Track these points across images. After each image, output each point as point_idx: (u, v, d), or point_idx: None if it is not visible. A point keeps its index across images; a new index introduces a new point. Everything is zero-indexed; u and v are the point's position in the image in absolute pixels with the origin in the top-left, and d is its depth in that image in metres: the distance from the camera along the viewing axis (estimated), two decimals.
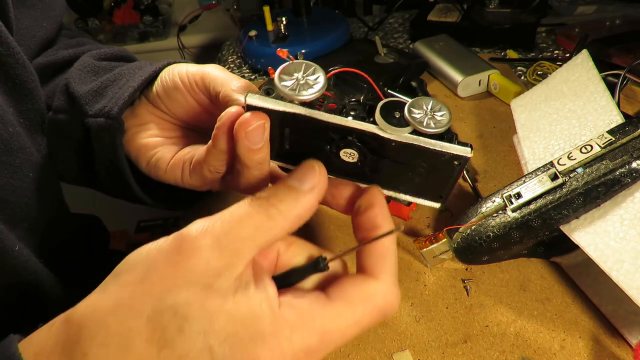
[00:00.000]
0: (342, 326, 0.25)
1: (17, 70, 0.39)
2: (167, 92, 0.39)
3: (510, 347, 0.37)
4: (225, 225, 0.24)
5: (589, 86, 0.46)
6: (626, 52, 0.65)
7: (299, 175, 0.27)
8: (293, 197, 0.26)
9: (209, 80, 0.37)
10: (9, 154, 0.37)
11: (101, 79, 0.43)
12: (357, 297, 0.26)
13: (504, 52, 0.77)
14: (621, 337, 0.37)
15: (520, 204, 0.39)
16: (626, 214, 0.35)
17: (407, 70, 0.66)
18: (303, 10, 0.85)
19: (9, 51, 0.38)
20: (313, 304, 0.25)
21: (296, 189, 0.26)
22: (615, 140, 0.37)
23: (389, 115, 0.28)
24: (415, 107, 0.28)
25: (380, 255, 0.28)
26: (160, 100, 0.39)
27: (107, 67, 0.45)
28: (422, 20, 0.84)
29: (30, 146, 0.40)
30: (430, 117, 0.28)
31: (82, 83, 0.44)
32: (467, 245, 0.41)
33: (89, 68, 0.45)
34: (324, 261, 0.27)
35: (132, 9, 1.37)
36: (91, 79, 0.44)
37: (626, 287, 0.32)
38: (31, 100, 0.41)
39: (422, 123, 0.28)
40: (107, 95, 0.41)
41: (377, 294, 0.26)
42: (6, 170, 0.37)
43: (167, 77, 0.39)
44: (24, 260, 0.38)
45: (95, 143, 0.41)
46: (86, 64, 0.45)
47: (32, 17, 0.48)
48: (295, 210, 0.26)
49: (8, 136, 0.37)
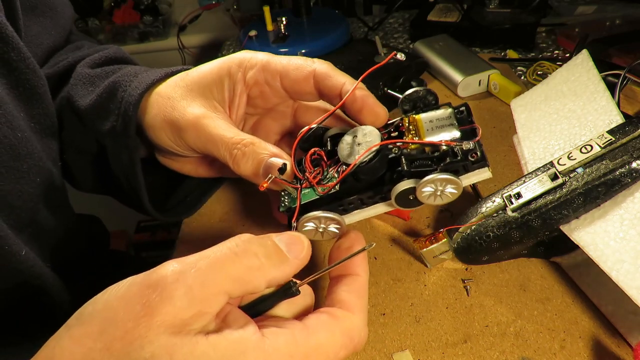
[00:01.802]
0: (324, 357, 0.25)
1: (27, 75, 0.39)
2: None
3: (510, 347, 0.37)
4: (200, 275, 0.23)
5: (589, 86, 0.46)
6: (626, 52, 0.65)
7: (288, 241, 0.27)
8: (277, 259, 0.25)
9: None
10: (17, 159, 0.37)
11: (98, 90, 0.42)
12: (337, 330, 0.26)
13: (504, 52, 0.77)
14: (621, 337, 0.37)
15: (520, 204, 0.39)
16: (626, 214, 0.35)
17: (407, 70, 0.66)
18: (303, 10, 0.84)
19: (20, 56, 0.38)
20: (297, 334, 0.24)
21: (283, 254, 0.26)
22: (615, 140, 0.37)
23: (404, 200, 0.31)
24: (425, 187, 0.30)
25: (359, 293, 0.28)
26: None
27: (102, 74, 0.45)
28: (422, 20, 0.84)
29: (40, 151, 0.40)
30: (440, 194, 0.31)
31: (82, 97, 0.44)
32: (467, 245, 0.41)
33: (85, 79, 0.45)
34: (295, 285, 0.26)
35: (132, 9, 1.37)
36: (88, 90, 0.44)
37: (626, 287, 0.32)
38: (42, 105, 0.42)
39: (433, 200, 0.31)
40: (112, 111, 0.41)
41: (354, 328, 0.27)
42: (13, 175, 0.37)
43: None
44: (29, 265, 0.38)
45: (112, 159, 0.42)
46: (82, 75, 0.45)
47: (41, 25, 0.49)
48: (275, 272, 0.25)
49: (17, 141, 0.37)
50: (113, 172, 0.43)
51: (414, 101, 0.35)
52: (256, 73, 0.37)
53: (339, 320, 0.26)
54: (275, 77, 0.37)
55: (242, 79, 0.38)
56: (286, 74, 0.37)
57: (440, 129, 0.31)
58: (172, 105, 0.37)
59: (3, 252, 0.35)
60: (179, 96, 0.37)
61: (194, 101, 0.37)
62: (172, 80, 0.39)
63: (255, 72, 0.37)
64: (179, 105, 0.37)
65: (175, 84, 0.39)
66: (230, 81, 0.38)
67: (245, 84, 0.38)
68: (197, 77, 0.38)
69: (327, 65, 0.36)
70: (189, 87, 0.38)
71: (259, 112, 0.41)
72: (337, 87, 0.35)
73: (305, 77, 0.36)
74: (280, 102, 0.40)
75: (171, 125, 0.37)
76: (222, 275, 0.23)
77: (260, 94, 0.38)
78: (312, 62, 0.37)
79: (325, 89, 0.36)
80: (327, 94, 0.36)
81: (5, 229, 0.36)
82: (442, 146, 0.30)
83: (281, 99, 0.39)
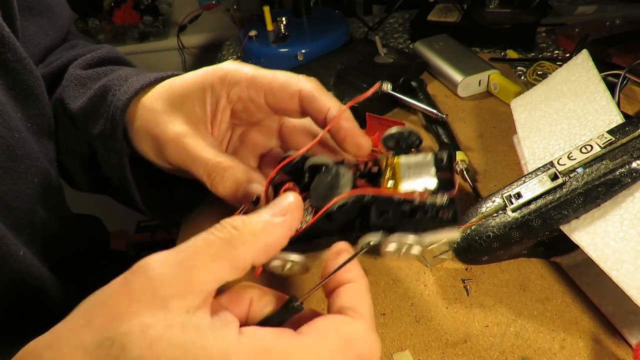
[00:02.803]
0: (312, 357, 0.23)
1: (24, 76, 0.39)
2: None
3: (510, 347, 0.37)
4: (180, 254, 0.23)
5: (589, 86, 0.46)
6: (626, 52, 0.65)
7: (272, 206, 0.26)
8: (261, 226, 0.25)
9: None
10: (14, 160, 0.37)
11: (89, 93, 0.42)
12: (330, 334, 0.24)
13: (504, 52, 0.77)
14: (621, 337, 0.37)
15: (520, 204, 0.39)
16: (626, 214, 0.35)
17: (407, 70, 0.66)
18: (303, 10, 0.84)
19: (16, 57, 0.38)
20: (279, 336, 0.23)
21: (266, 218, 0.25)
22: (615, 140, 0.37)
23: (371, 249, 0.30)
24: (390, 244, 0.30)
25: (357, 298, 0.26)
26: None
27: (94, 75, 0.44)
28: (422, 20, 0.84)
29: (37, 151, 0.40)
30: (404, 253, 0.30)
31: (74, 99, 0.43)
32: (467, 245, 0.41)
33: (76, 81, 0.44)
34: (296, 300, 0.25)
35: (132, 9, 1.37)
36: (80, 92, 0.44)
37: (626, 287, 0.32)
38: (38, 105, 0.42)
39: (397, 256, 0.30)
40: (101, 115, 0.40)
41: (354, 332, 0.24)
42: (10, 176, 0.37)
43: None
44: (27, 265, 0.38)
45: (103, 162, 0.42)
46: (74, 77, 0.45)
47: (38, 25, 0.48)
48: (260, 239, 0.24)
49: (14, 142, 0.37)
50: (106, 174, 0.43)
51: (397, 140, 0.34)
52: (240, 89, 0.36)
53: (334, 323, 0.24)
54: (260, 94, 0.36)
55: (225, 94, 0.37)
56: (271, 92, 0.36)
57: (417, 176, 0.31)
58: (154, 120, 0.37)
59: (1, 253, 0.35)
60: (161, 110, 0.37)
61: (176, 117, 0.36)
62: (157, 91, 0.38)
63: (238, 89, 0.36)
64: (162, 120, 0.36)
65: (159, 95, 0.38)
66: (212, 96, 0.37)
67: (228, 99, 0.37)
68: (180, 90, 0.37)
69: (313, 85, 0.35)
70: (171, 100, 0.37)
71: (245, 123, 0.41)
72: (321, 111, 0.35)
73: (290, 96, 0.35)
74: (265, 117, 0.39)
75: (153, 139, 0.37)
76: (202, 253, 0.23)
77: (244, 109, 0.38)
78: (297, 80, 0.35)
79: (310, 111, 0.35)
80: (312, 116, 0.35)
81: (3, 229, 0.36)
82: (415, 200, 0.29)
83: (266, 115, 0.38)
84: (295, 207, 0.27)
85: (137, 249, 1.49)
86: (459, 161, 0.53)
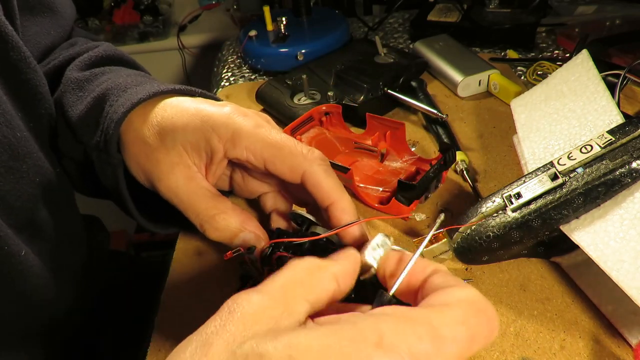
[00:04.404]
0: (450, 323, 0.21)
1: (28, 75, 0.39)
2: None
3: (510, 347, 0.37)
4: (268, 284, 0.23)
5: (589, 86, 0.46)
6: (626, 52, 0.65)
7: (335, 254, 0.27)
8: (330, 259, 0.26)
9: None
10: (16, 159, 0.37)
11: (87, 100, 0.41)
12: (450, 300, 0.22)
13: (504, 52, 0.77)
14: (621, 337, 0.37)
15: (520, 204, 0.39)
16: (626, 214, 0.35)
17: (407, 70, 0.66)
18: (303, 10, 0.84)
19: (19, 56, 0.38)
20: (409, 308, 0.22)
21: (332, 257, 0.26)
22: (615, 140, 0.37)
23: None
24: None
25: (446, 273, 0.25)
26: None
27: (91, 77, 0.43)
28: (422, 20, 0.84)
29: (39, 151, 0.40)
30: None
31: (72, 105, 0.42)
32: (467, 245, 0.41)
33: (74, 85, 0.44)
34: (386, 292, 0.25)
35: (132, 8, 1.37)
36: (78, 96, 0.43)
37: (626, 287, 0.32)
38: (44, 105, 0.41)
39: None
40: (98, 126, 0.39)
41: (466, 294, 0.23)
42: (12, 175, 0.37)
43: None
44: (29, 265, 0.38)
45: (99, 173, 0.41)
46: (71, 81, 0.44)
47: (40, 25, 0.48)
48: (334, 267, 0.25)
49: (16, 141, 0.37)
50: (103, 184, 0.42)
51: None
52: (239, 152, 0.34)
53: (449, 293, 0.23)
54: (260, 161, 0.34)
55: (222, 150, 0.34)
56: (272, 163, 0.34)
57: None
58: (146, 154, 0.36)
59: (3, 252, 0.35)
60: (153, 143, 0.35)
61: (168, 155, 0.35)
62: (152, 117, 0.36)
63: (238, 151, 0.34)
64: (152, 156, 0.35)
65: (151, 124, 0.36)
66: (208, 148, 0.35)
67: (225, 155, 0.35)
68: (172, 129, 0.35)
69: (320, 169, 0.33)
70: (163, 135, 0.35)
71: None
72: (323, 201, 0.33)
73: (292, 171, 0.33)
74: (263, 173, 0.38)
75: (144, 173, 0.36)
76: (291, 285, 0.23)
77: (242, 164, 0.36)
78: (304, 159, 0.33)
79: (312, 194, 0.33)
80: (312, 196, 0.34)
81: (5, 228, 0.36)
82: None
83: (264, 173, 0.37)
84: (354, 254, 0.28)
85: (137, 249, 1.49)
86: (459, 161, 0.53)
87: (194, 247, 0.49)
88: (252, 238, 0.34)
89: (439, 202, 0.51)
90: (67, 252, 0.47)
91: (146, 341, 0.41)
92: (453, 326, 0.21)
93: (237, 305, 0.22)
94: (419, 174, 0.52)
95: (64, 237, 0.46)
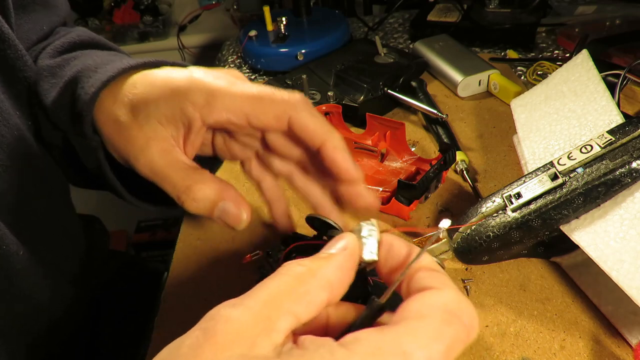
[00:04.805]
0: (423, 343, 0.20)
1: (25, 73, 0.39)
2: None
3: (510, 347, 0.37)
4: (253, 296, 0.22)
5: (589, 86, 0.46)
6: (626, 52, 0.65)
7: (330, 245, 0.26)
8: (325, 260, 0.24)
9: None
10: (14, 157, 0.37)
11: (60, 85, 0.39)
12: (424, 309, 0.22)
13: (504, 52, 0.77)
14: (621, 337, 0.37)
15: (520, 204, 0.39)
16: (626, 214, 0.35)
17: (407, 70, 0.66)
18: (303, 10, 0.84)
19: (16, 54, 0.38)
20: (382, 331, 0.21)
21: (327, 253, 0.25)
22: (615, 140, 0.37)
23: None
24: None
25: (430, 270, 0.24)
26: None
27: (62, 63, 0.41)
28: (422, 20, 0.84)
29: (37, 150, 0.40)
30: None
31: (46, 92, 0.41)
32: (467, 245, 0.41)
33: (47, 72, 0.42)
34: (377, 300, 0.24)
35: (132, 9, 1.37)
36: (51, 83, 0.41)
37: (626, 287, 0.32)
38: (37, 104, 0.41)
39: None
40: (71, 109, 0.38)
41: (441, 299, 0.22)
42: (9, 174, 0.37)
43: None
44: (28, 265, 0.38)
45: (82, 158, 0.39)
46: (44, 68, 0.42)
47: (32, 22, 0.47)
48: (328, 270, 0.24)
49: (13, 140, 0.37)
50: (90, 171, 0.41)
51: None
52: (217, 114, 0.32)
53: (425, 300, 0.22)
54: (241, 118, 0.32)
55: (198, 118, 0.32)
56: (254, 115, 0.32)
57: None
58: (119, 133, 0.34)
59: (0, 252, 0.35)
60: (125, 121, 0.34)
61: (141, 132, 0.33)
62: (122, 93, 0.34)
63: (216, 114, 0.32)
64: (127, 134, 0.34)
65: (122, 102, 0.34)
66: (184, 118, 0.33)
67: (202, 122, 0.33)
68: (144, 105, 0.33)
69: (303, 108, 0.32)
70: (136, 112, 0.33)
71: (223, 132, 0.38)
72: (314, 143, 0.32)
73: (277, 119, 0.32)
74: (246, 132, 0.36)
75: (119, 152, 0.35)
76: (275, 292, 0.22)
77: (223, 127, 0.34)
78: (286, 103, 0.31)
79: (301, 139, 0.32)
80: (302, 142, 0.32)
81: (3, 228, 0.36)
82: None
83: (247, 131, 0.35)
84: (351, 239, 0.26)
85: (137, 249, 1.49)
86: (459, 161, 0.53)
87: (194, 247, 0.49)
88: (231, 207, 0.32)
89: (439, 202, 0.51)
90: (65, 252, 0.47)
91: (146, 341, 0.41)
92: (427, 346, 0.20)
93: (214, 323, 0.21)
94: (419, 174, 0.52)
95: (62, 236, 0.46)
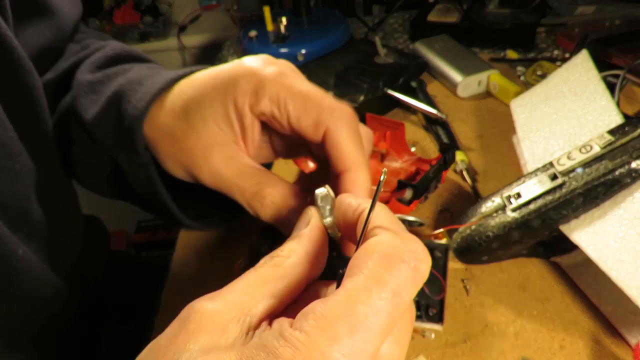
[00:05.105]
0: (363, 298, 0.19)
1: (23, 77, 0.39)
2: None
3: (510, 347, 0.37)
4: (229, 287, 0.23)
5: (588, 86, 0.46)
6: (626, 52, 0.65)
7: (296, 226, 0.26)
8: (294, 240, 0.25)
9: None
10: (9, 158, 0.37)
11: (102, 101, 0.39)
12: (360, 263, 0.21)
13: (503, 52, 0.77)
14: (621, 337, 0.37)
15: (520, 204, 0.39)
16: (626, 214, 0.35)
17: (407, 70, 0.66)
18: (303, 10, 0.85)
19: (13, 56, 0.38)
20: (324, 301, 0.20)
21: (296, 234, 0.25)
22: (615, 140, 0.37)
23: None
24: None
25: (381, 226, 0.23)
26: None
27: (104, 78, 0.42)
28: (422, 20, 0.84)
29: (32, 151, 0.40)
30: None
31: (86, 108, 0.40)
32: (467, 245, 0.41)
33: (86, 88, 0.42)
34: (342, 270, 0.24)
35: (132, 9, 1.37)
36: (92, 99, 0.41)
37: (626, 287, 0.32)
38: (37, 109, 0.41)
39: None
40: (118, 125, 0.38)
41: (377, 247, 0.21)
42: (6, 175, 0.37)
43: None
44: (27, 265, 0.38)
45: (129, 177, 0.39)
46: (83, 84, 0.42)
47: (34, 25, 0.47)
48: (299, 249, 0.24)
49: (8, 141, 0.37)
50: (136, 191, 0.40)
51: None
52: (262, 105, 0.31)
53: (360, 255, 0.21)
54: (283, 116, 0.31)
55: (248, 109, 0.32)
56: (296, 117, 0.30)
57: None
58: (178, 147, 0.33)
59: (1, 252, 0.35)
60: (181, 132, 0.33)
61: (200, 140, 0.32)
62: (170, 106, 0.34)
63: (262, 105, 0.31)
64: (185, 146, 0.33)
65: (174, 113, 0.34)
66: (238, 113, 0.32)
67: (253, 113, 0.32)
68: (199, 107, 0.33)
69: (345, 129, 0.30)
70: (191, 119, 0.33)
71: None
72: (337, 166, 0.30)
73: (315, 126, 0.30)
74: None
75: (182, 167, 0.34)
76: (251, 281, 0.23)
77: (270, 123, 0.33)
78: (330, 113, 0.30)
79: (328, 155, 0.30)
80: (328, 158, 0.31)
81: (2, 227, 0.36)
82: None
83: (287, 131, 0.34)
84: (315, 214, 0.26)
85: (137, 249, 1.49)
86: (459, 161, 0.53)
87: (194, 247, 0.49)
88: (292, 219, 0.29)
89: (439, 202, 0.51)
90: (65, 252, 0.47)
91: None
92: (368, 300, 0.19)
93: (189, 313, 0.22)
94: (419, 174, 0.52)
95: (62, 236, 0.45)
